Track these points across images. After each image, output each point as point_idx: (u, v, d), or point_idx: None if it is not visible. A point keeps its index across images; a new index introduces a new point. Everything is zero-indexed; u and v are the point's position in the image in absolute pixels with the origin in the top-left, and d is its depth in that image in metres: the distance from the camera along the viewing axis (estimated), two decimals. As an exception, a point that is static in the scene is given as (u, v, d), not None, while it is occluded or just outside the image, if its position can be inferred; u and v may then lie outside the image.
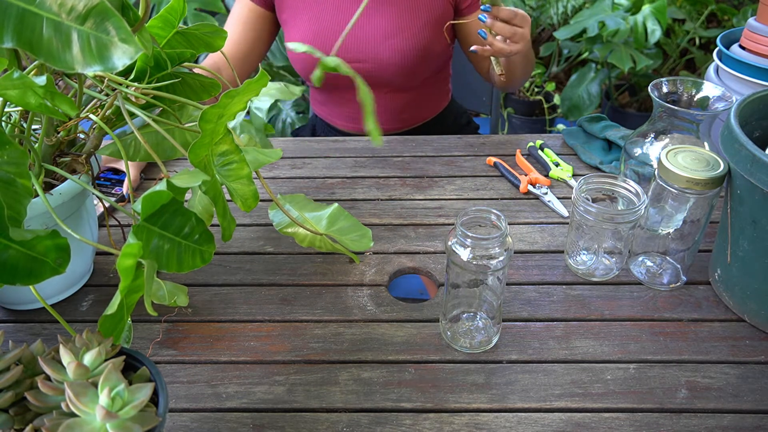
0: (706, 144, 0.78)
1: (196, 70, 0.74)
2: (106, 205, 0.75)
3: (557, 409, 0.61)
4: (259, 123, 0.70)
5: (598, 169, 0.99)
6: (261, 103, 0.70)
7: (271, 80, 0.75)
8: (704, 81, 0.80)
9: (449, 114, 1.31)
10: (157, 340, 0.70)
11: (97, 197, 0.64)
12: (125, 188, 0.95)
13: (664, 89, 0.80)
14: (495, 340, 0.68)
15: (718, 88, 0.78)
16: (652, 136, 0.82)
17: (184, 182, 0.59)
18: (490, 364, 0.66)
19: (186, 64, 0.72)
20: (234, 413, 0.62)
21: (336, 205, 0.77)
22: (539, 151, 1.02)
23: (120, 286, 0.52)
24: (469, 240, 0.61)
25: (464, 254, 0.61)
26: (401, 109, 1.20)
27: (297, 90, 0.74)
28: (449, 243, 0.63)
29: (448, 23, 0.97)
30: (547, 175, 0.97)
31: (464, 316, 0.70)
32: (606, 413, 0.61)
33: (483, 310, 0.69)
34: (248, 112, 0.68)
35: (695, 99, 0.80)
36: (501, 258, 0.61)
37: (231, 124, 0.73)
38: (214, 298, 0.76)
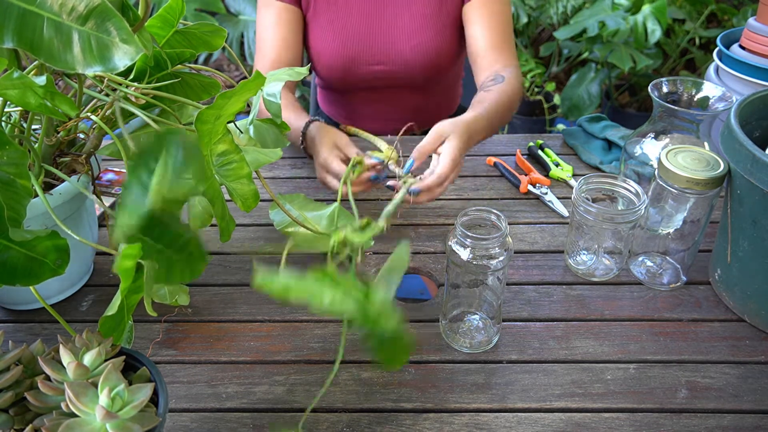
0: (706, 144, 0.78)
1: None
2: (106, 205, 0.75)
3: (557, 409, 0.61)
4: (275, 109, 0.69)
5: (598, 169, 0.99)
6: (272, 88, 0.69)
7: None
8: (704, 81, 0.80)
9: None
10: (157, 340, 0.70)
11: (97, 200, 0.64)
12: None
13: (664, 89, 0.80)
14: (495, 340, 0.68)
15: (718, 88, 0.78)
16: (652, 136, 0.82)
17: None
18: (490, 364, 0.66)
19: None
20: (234, 413, 0.62)
21: (336, 204, 0.77)
22: (539, 151, 1.02)
23: (120, 287, 0.52)
24: (469, 240, 0.61)
25: (464, 254, 0.61)
26: (421, 110, 1.21)
27: (303, 69, 0.74)
28: (449, 243, 0.63)
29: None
30: (547, 175, 0.97)
31: (465, 316, 0.70)
32: (606, 413, 0.61)
33: (483, 310, 0.69)
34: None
35: (695, 99, 0.80)
36: (501, 258, 0.61)
37: (249, 119, 0.72)
38: (214, 298, 0.76)
